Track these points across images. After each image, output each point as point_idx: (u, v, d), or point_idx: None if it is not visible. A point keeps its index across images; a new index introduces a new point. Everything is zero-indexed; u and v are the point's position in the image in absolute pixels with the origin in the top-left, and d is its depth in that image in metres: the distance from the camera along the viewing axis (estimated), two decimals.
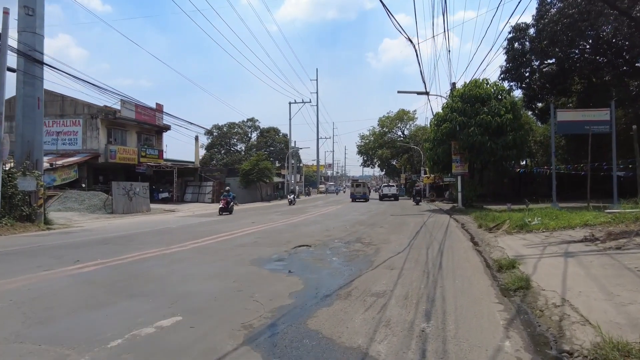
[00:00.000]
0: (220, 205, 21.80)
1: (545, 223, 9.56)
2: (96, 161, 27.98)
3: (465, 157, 21.77)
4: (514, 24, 21.97)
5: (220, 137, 66.11)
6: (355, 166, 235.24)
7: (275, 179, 48.43)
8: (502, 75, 23.25)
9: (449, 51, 20.94)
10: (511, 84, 23.26)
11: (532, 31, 21.52)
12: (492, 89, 21.87)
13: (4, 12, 13.00)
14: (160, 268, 6.86)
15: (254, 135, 68.75)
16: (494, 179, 30.14)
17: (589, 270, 5.22)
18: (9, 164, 15.31)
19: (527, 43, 22.06)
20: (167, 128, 35.04)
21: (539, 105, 26.64)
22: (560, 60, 21.82)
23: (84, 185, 26.17)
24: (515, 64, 22.62)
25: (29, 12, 14.37)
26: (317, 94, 66.89)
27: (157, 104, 33.53)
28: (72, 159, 26.50)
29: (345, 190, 77.94)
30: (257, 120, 67.75)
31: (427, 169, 34.64)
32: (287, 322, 3.97)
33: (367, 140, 55.90)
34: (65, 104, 28.83)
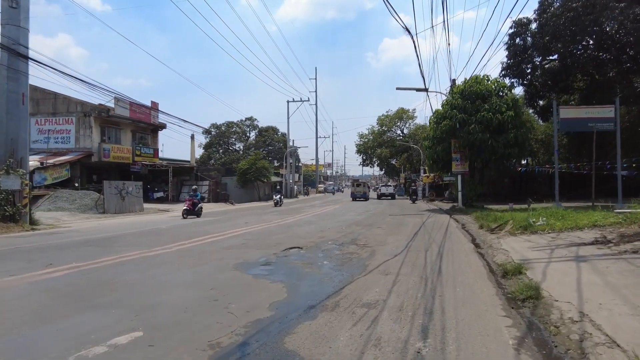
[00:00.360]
0: (184, 207, 18.25)
1: (550, 224, 8.99)
2: (89, 160, 27.42)
3: (466, 156, 21.20)
4: (516, 19, 21.41)
5: (218, 137, 65.55)
6: (355, 166, 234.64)
7: (274, 179, 47.81)
8: (503, 72, 22.67)
9: (449, 44, 20.40)
10: (512, 80, 22.67)
11: (534, 26, 20.97)
12: (493, 86, 21.28)
13: None
14: (136, 273, 6.32)
15: (252, 134, 68.22)
16: (495, 178, 29.57)
17: (606, 278, 4.66)
18: None
19: (529, 38, 21.49)
20: (163, 126, 34.49)
21: (541, 103, 26.11)
22: (562, 56, 21.26)
23: (77, 184, 25.65)
24: (516, 60, 22.04)
25: (12, 5, 13.80)
26: (316, 92, 66.11)
27: (152, 102, 32.92)
28: (64, 157, 25.93)
29: (344, 190, 77.27)
30: (256, 119, 67.26)
31: (427, 167, 34.02)
32: (262, 340, 3.43)
33: (366, 139, 55.33)
34: (57, 101, 28.27)
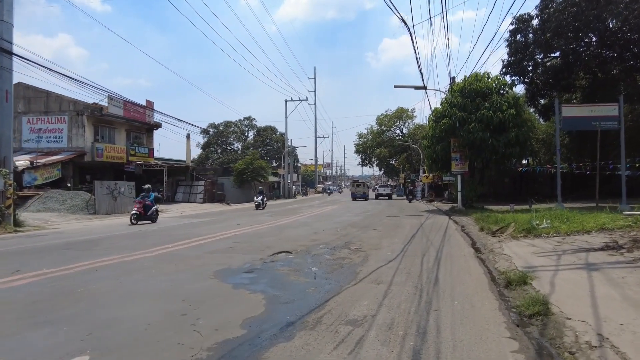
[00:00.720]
0: (133, 211, 15.52)
1: (555, 226, 8.46)
2: (82, 160, 26.90)
3: (465, 155, 20.65)
4: (517, 15, 20.88)
5: (216, 136, 65.00)
6: (355, 166, 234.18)
7: (272, 179, 47.29)
8: (504, 69, 22.11)
9: (448, 39, 19.82)
10: (513, 78, 22.12)
11: (536, 22, 20.43)
12: (494, 83, 20.72)
13: None
14: (106, 281, 5.80)
15: (251, 134, 67.71)
16: (495, 178, 29.04)
17: (623, 291, 4.13)
18: None
19: (530, 35, 20.94)
20: (158, 126, 33.95)
21: (542, 101, 25.58)
22: (565, 54, 20.74)
23: (69, 184, 25.15)
24: (517, 57, 21.49)
25: None
26: (315, 92, 65.54)
27: (147, 101, 32.41)
28: (56, 157, 25.41)
29: (342, 191, 76.57)
30: (254, 119, 66.75)
31: (426, 167, 33.46)
32: None
33: (365, 139, 54.75)
34: (49, 100, 27.75)
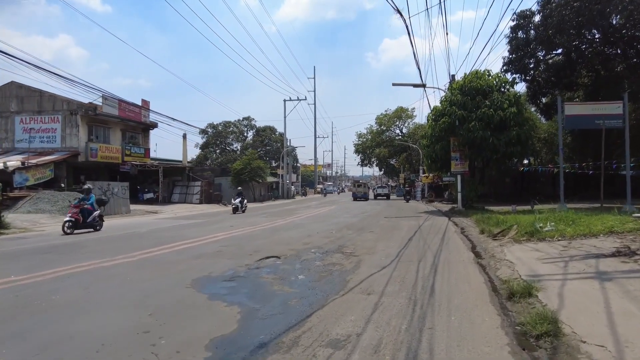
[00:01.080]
0: (66, 218, 12.27)
1: (560, 229, 7.98)
2: (76, 160, 26.48)
3: (465, 154, 20.17)
4: (518, 11, 20.41)
5: (215, 136, 64.56)
6: (355, 166, 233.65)
7: (271, 179, 46.81)
8: (505, 67, 21.67)
9: (447, 33, 19.36)
10: (514, 75, 21.64)
11: (538, 18, 19.96)
12: (495, 81, 20.18)
13: None
14: (73, 291, 5.35)
15: (250, 134, 67.23)
16: (496, 178, 28.53)
17: None
18: None
19: (532, 31, 20.48)
20: (154, 126, 33.55)
21: (544, 100, 25.12)
22: (567, 51, 20.28)
23: (63, 185, 24.70)
24: (518, 54, 21.06)
25: None
26: (315, 91, 65.01)
27: (143, 101, 32.00)
28: (48, 157, 24.98)
29: (341, 191, 75.99)
30: (253, 119, 66.20)
31: (425, 167, 32.94)
32: None
33: (365, 139, 54.26)
34: (43, 99, 27.34)
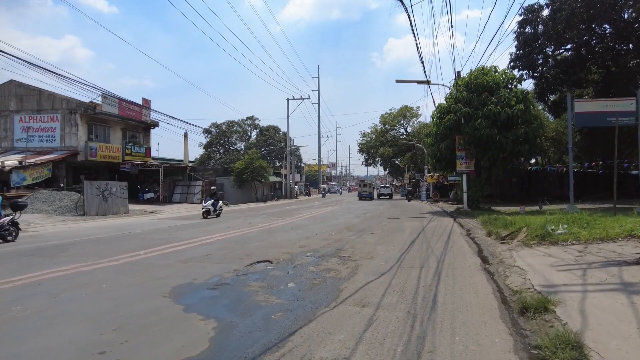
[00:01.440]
0: None
1: (574, 232, 7.41)
2: (75, 159, 26.18)
3: (471, 153, 19.52)
4: (526, 5, 19.78)
5: (219, 136, 64.29)
6: (359, 166, 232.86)
7: (274, 179, 46.36)
8: (512, 63, 21.01)
9: (452, 25, 18.74)
10: (522, 72, 20.95)
11: (546, 12, 19.30)
12: (501, 77, 19.50)
13: None
14: (40, 299, 4.88)
15: (253, 133, 66.86)
16: (502, 177, 27.83)
17: None
18: None
19: (540, 26, 19.81)
20: (155, 125, 33.22)
21: (552, 97, 24.42)
22: (577, 46, 19.60)
23: (62, 184, 24.42)
24: (526, 50, 20.39)
25: None
26: (319, 91, 64.43)
27: (144, 99, 31.72)
28: (47, 156, 24.68)
29: (342, 192, 75.14)
30: (257, 118, 65.87)
31: (429, 167, 32.26)
32: None
33: (369, 138, 53.64)
34: (42, 98, 27.06)
